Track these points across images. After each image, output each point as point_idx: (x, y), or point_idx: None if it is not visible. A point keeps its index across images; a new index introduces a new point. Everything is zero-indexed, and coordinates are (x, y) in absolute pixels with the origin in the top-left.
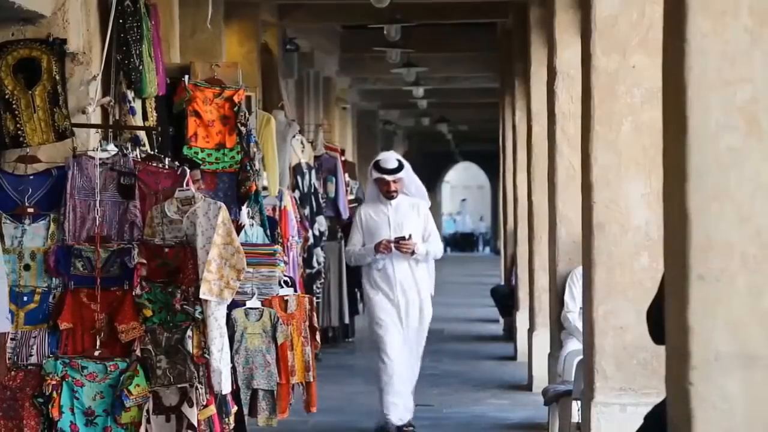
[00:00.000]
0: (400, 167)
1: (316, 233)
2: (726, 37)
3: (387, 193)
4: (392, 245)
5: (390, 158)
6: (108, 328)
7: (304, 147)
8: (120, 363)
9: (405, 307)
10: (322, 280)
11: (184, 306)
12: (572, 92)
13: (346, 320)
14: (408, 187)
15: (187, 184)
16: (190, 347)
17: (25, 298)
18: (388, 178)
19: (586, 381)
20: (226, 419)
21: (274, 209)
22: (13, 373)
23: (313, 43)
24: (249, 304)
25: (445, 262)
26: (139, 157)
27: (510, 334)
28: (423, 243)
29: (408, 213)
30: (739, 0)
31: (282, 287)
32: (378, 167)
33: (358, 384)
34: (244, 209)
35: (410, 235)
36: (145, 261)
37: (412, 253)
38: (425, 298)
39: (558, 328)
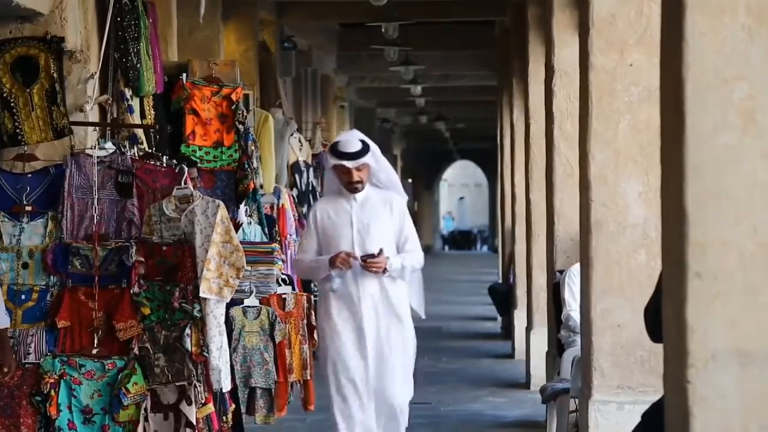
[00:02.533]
0: (365, 150)
1: None
2: (723, 35)
3: (349, 184)
4: (356, 262)
5: (351, 139)
6: (106, 327)
7: (302, 145)
8: (118, 361)
9: (379, 349)
10: None
11: (183, 304)
12: (570, 90)
13: None
14: (377, 176)
15: (185, 182)
16: (188, 345)
17: (23, 297)
18: (349, 164)
19: (584, 379)
20: (224, 417)
21: (272, 207)
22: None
23: (311, 41)
24: (247, 302)
25: (443, 260)
26: (137, 155)
27: (508, 332)
28: (397, 255)
29: (378, 211)
30: None
31: (280, 285)
32: (335, 151)
33: None
34: (242, 207)
35: (381, 251)
36: (143, 259)
37: (384, 271)
38: (407, 323)
39: (556, 326)
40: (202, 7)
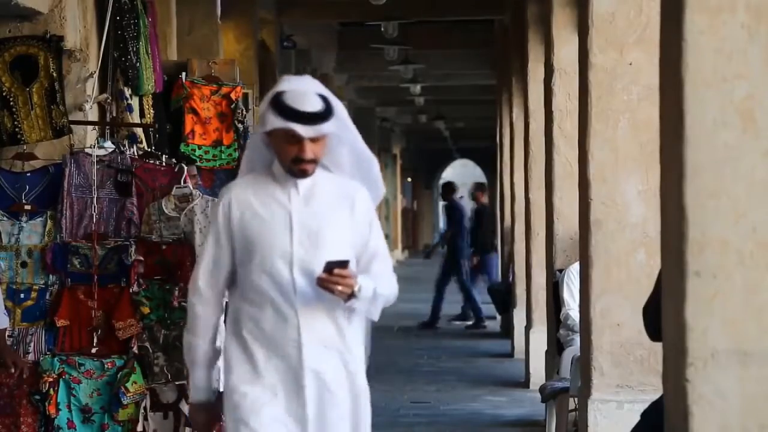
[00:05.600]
0: (328, 111)
1: None
2: (722, 34)
3: (295, 163)
4: (318, 279)
5: (307, 91)
6: (105, 326)
7: None
8: (117, 360)
9: (321, 414)
10: None
11: (182, 303)
12: (569, 89)
13: None
14: (335, 154)
15: (185, 181)
16: None
17: (22, 296)
18: (303, 131)
19: (583, 378)
20: (223, 416)
21: None
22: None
23: (311, 40)
24: None
25: (441, 260)
26: (136, 154)
27: (507, 331)
28: (367, 276)
29: (332, 209)
30: None
31: None
32: (283, 107)
33: None
34: None
35: (347, 262)
36: (142, 258)
37: (350, 296)
38: (365, 390)
39: (555, 325)
40: (219, 9)
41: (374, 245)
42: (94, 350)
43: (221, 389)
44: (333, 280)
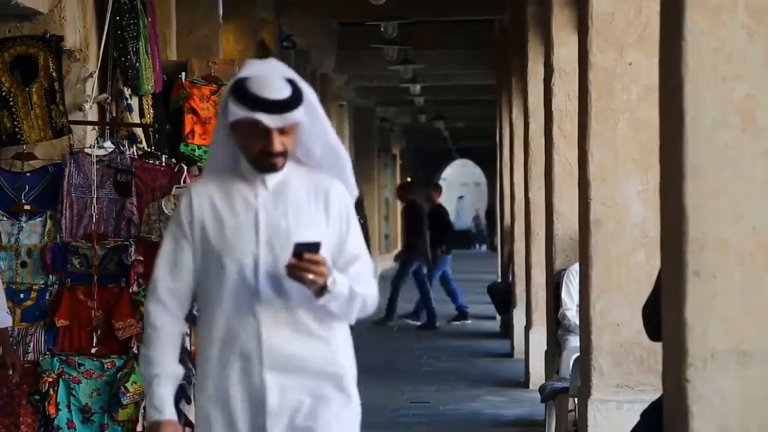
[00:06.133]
0: (297, 98)
1: None
2: (722, 34)
3: (264, 157)
4: (287, 266)
5: (272, 77)
6: (105, 326)
7: None
8: (117, 360)
9: None
10: None
11: None
12: (569, 89)
13: None
14: (309, 146)
15: (185, 181)
16: (187, 344)
17: (22, 295)
18: (270, 122)
19: (583, 378)
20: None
21: None
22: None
23: (310, 40)
24: None
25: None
26: (135, 154)
27: (507, 331)
28: (342, 274)
29: (302, 206)
30: None
31: None
32: (246, 95)
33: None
34: None
35: (319, 244)
36: (142, 258)
37: (322, 290)
38: (354, 403)
39: (555, 325)
40: (220, 8)
41: (352, 246)
42: (93, 350)
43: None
44: (303, 266)
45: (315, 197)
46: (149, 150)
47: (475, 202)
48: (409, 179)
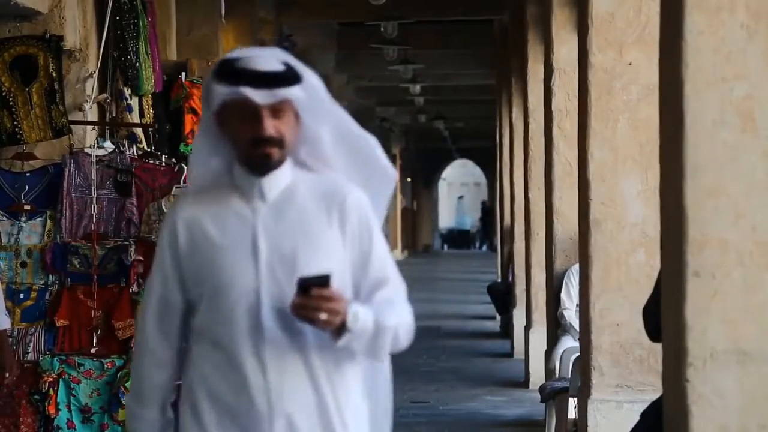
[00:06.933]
0: (292, 74)
1: None
2: (722, 33)
3: (255, 146)
4: (291, 305)
5: (264, 54)
6: (105, 326)
7: None
8: (117, 360)
9: None
10: None
11: None
12: (569, 89)
13: None
14: (314, 138)
15: (185, 181)
16: None
17: (22, 295)
18: (258, 98)
19: (583, 378)
20: None
21: None
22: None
23: (310, 40)
24: None
25: (441, 259)
26: (135, 154)
27: (507, 331)
28: (367, 305)
29: (314, 223)
30: None
31: None
32: (227, 70)
33: None
34: None
35: (329, 277)
36: (142, 258)
37: (340, 329)
38: None
39: (555, 325)
40: (223, 8)
41: (378, 267)
42: (93, 350)
43: None
44: (313, 305)
45: (327, 210)
46: (149, 150)
47: (475, 202)
48: None
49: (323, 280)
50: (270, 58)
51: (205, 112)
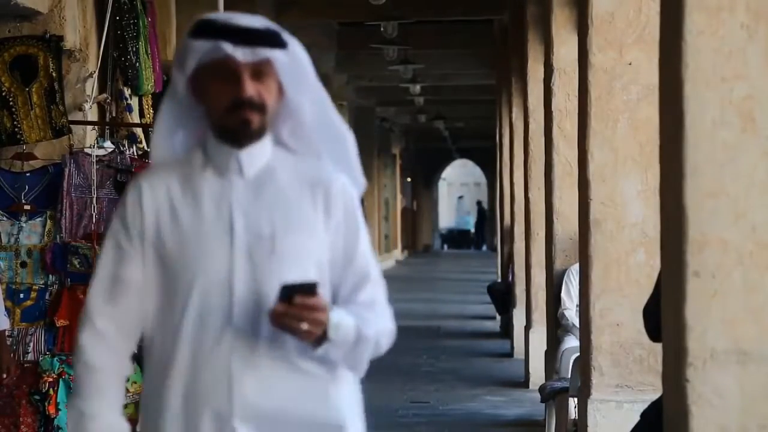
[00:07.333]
0: (277, 36)
1: None
2: (722, 33)
3: (232, 110)
4: (271, 312)
5: (246, 16)
6: None
7: None
8: None
9: None
10: None
11: None
12: (569, 89)
13: None
14: (296, 116)
15: None
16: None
17: (22, 295)
18: (239, 55)
19: (583, 378)
20: None
21: None
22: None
23: (310, 40)
24: None
25: (441, 259)
26: (135, 154)
27: (507, 331)
28: (346, 309)
29: (296, 205)
30: None
31: None
32: (204, 26)
33: None
34: None
35: (316, 285)
36: None
37: (320, 338)
38: None
39: (555, 325)
40: (222, 8)
41: (362, 263)
42: None
43: None
44: (295, 314)
45: (311, 193)
46: (149, 150)
47: (475, 202)
48: None
49: (309, 289)
50: (254, 18)
51: (176, 77)
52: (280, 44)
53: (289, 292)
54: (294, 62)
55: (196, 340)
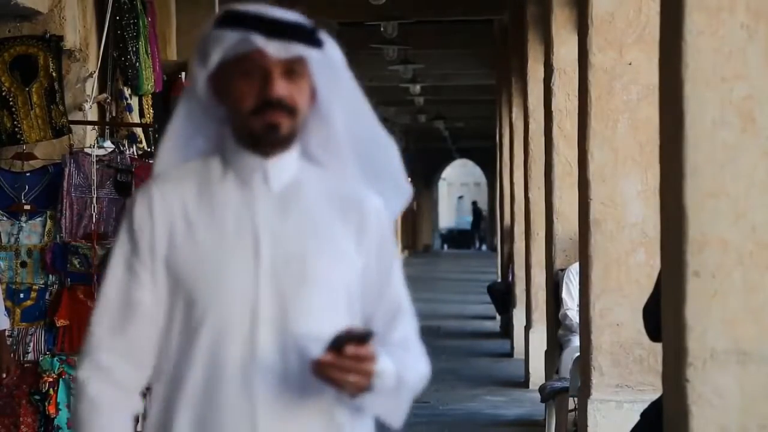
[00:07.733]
0: (313, 33)
1: None
2: (722, 33)
3: (260, 112)
4: (318, 362)
5: (279, 9)
6: None
7: None
8: None
9: None
10: None
11: None
12: (569, 89)
13: None
14: (328, 125)
15: None
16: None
17: (22, 295)
18: (269, 47)
19: (583, 378)
20: None
21: None
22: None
23: None
24: None
25: (441, 259)
26: (135, 154)
27: (506, 330)
28: (388, 354)
29: (325, 224)
30: None
31: None
32: (233, 16)
33: None
34: None
35: (371, 335)
36: None
37: (364, 390)
38: None
39: (555, 325)
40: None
41: (395, 294)
42: None
43: None
44: (345, 365)
45: (342, 213)
46: (149, 150)
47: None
48: None
49: (364, 338)
50: (288, 12)
51: (196, 73)
52: (316, 42)
53: (341, 341)
54: (329, 64)
55: (211, 381)
